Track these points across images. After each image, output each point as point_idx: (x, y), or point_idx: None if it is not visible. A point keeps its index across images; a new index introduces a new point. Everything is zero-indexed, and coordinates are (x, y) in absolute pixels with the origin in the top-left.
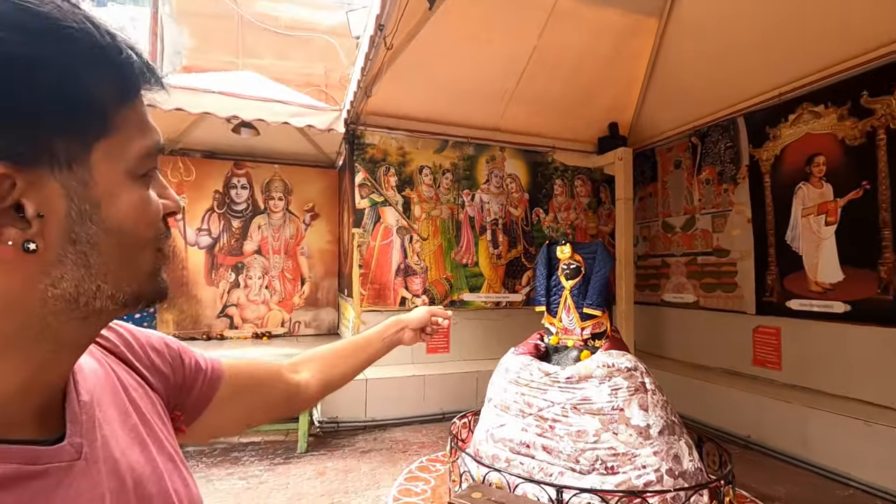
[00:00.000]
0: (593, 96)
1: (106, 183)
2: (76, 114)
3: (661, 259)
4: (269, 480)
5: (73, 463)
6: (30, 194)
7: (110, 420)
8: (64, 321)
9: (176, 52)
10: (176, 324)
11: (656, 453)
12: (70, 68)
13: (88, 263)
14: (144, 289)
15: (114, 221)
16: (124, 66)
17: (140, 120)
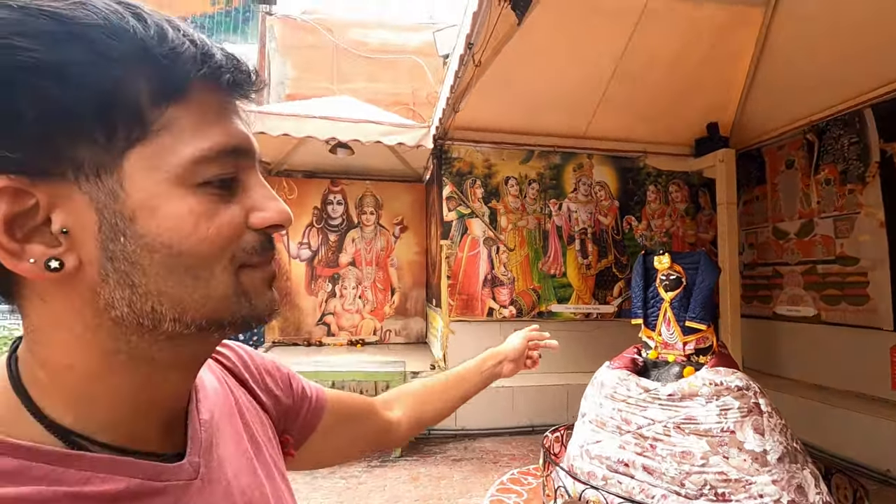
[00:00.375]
0: (689, 96)
1: (142, 193)
2: (98, 119)
3: (771, 268)
4: (368, 482)
5: (191, 482)
6: (58, 209)
7: (226, 441)
8: (151, 342)
9: (280, 83)
10: (280, 330)
11: (775, 482)
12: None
13: (132, 283)
14: (225, 313)
15: (155, 237)
16: (167, 59)
17: (195, 119)
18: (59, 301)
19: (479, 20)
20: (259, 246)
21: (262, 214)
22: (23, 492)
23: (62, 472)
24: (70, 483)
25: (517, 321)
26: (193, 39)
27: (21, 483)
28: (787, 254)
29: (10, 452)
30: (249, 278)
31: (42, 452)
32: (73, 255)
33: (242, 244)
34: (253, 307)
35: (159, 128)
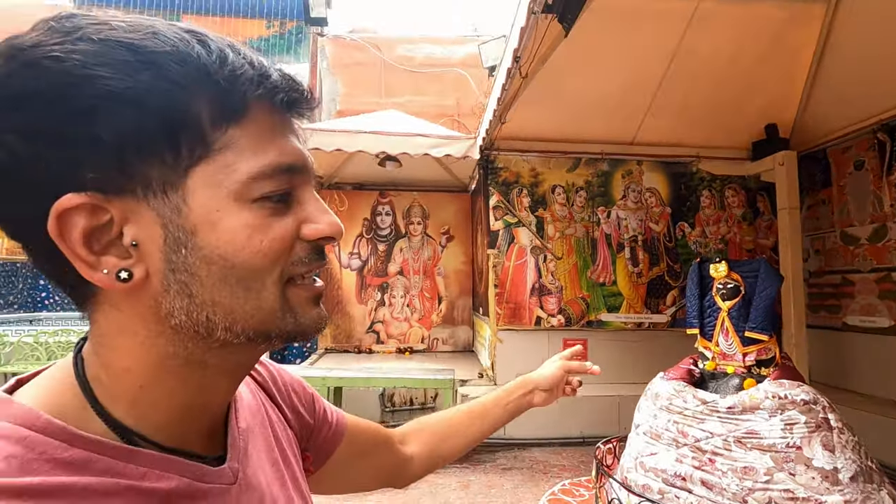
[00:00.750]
0: (745, 98)
1: (203, 209)
2: (169, 141)
3: (840, 276)
4: (419, 486)
5: (230, 487)
6: (129, 223)
7: (259, 451)
8: (205, 349)
9: (332, 100)
10: (332, 337)
11: (848, 502)
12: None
13: (191, 293)
14: (272, 326)
15: (212, 249)
16: (227, 82)
17: (254, 139)
18: (127, 309)
19: (525, 34)
20: (308, 256)
21: (315, 226)
22: (91, 482)
23: (123, 467)
24: (130, 477)
25: (566, 330)
26: (252, 62)
27: (87, 473)
28: (859, 260)
29: (80, 444)
30: (296, 295)
31: (107, 446)
32: (142, 267)
33: (293, 257)
34: (298, 323)
35: (220, 147)
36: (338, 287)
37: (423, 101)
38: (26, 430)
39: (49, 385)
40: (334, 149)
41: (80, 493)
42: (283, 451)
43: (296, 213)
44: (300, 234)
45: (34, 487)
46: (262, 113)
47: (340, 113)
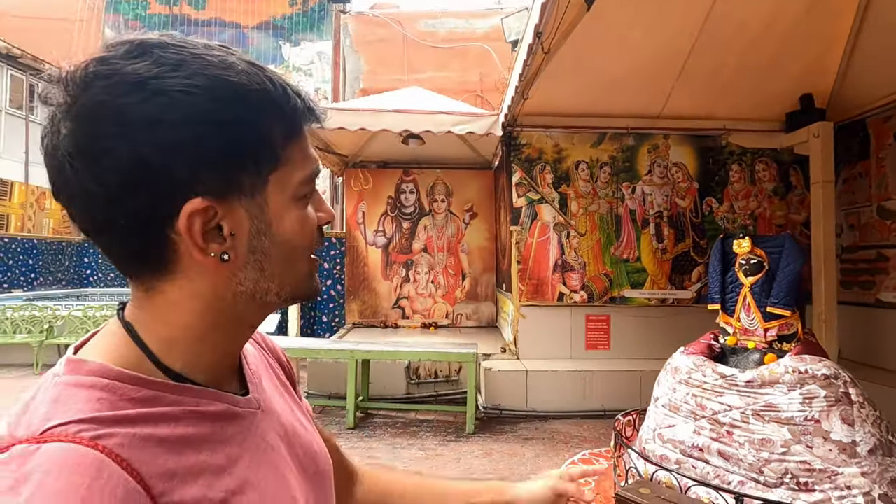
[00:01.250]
0: (779, 67)
1: (276, 206)
2: (257, 156)
3: (875, 251)
4: (444, 454)
5: (257, 411)
6: (227, 218)
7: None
8: (249, 308)
9: (355, 78)
10: (359, 313)
11: (865, 474)
12: (254, 123)
13: (262, 268)
14: (301, 288)
15: (281, 236)
16: (291, 112)
17: (302, 153)
18: (203, 281)
19: (547, 9)
20: (320, 237)
21: (321, 214)
22: (163, 410)
23: (182, 398)
24: (189, 405)
25: (588, 306)
26: (300, 94)
27: (159, 405)
28: (895, 235)
29: (148, 385)
30: (314, 266)
31: (168, 385)
32: (233, 250)
33: (314, 239)
34: (314, 287)
35: (284, 161)
36: (364, 264)
37: (446, 76)
38: (106, 379)
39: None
40: (358, 128)
41: (158, 419)
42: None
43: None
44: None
45: (125, 417)
46: (304, 133)
47: (364, 91)
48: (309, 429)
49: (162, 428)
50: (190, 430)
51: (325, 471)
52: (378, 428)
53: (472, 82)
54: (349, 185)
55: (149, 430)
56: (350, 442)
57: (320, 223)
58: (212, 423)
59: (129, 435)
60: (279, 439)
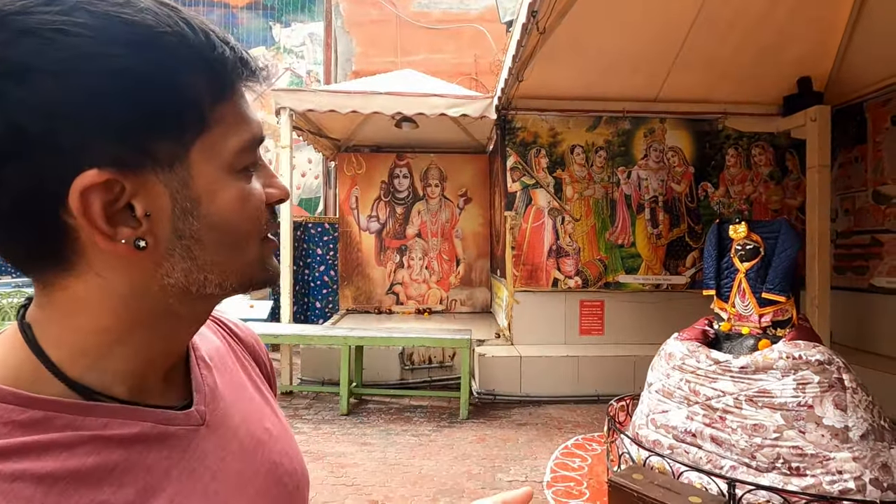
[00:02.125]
0: (777, 50)
1: (204, 180)
2: (173, 117)
3: (870, 236)
4: (438, 440)
5: (199, 428)
6: (139, 196)
7: (231, 390)
8: (182, 302)
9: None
10: (353, 299)
11: (857, 459)
12: (167, 74)
13: (193, 256)
14: (252, 276)
15: (214, 217)
16: (217, 64)
17: (236, 115)
18: (116, 275)
19: None
20: (271, 218)
21: (271, 190)
22: (53, 437)
23: (83, 420)
24: (91, 428)
25: (582, 291)
26: (231, 46)
27: (48, 431)
28: (890, 220)
29: (36, 405)
30: (266, 249)
31: (64, 404)
32: (151, 235)
33: (263, 219)
34: (269, 273)
35: (212, 123)
36: (357, 250)
37: (440, 58)
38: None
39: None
40: (350, 111)
41: (43, 449)
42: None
43: (260, 180)
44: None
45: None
46: (238, 92)
47: (356, 73)
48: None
49: (46, 461)
50: (88, 462)
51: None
52: (372, 414)
53: (466, 64)
54: (342, 170)
55: (24, 466)
56: (343, 428)
57: (270, 201)
58: (125, 448)
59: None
60: (229, 459)
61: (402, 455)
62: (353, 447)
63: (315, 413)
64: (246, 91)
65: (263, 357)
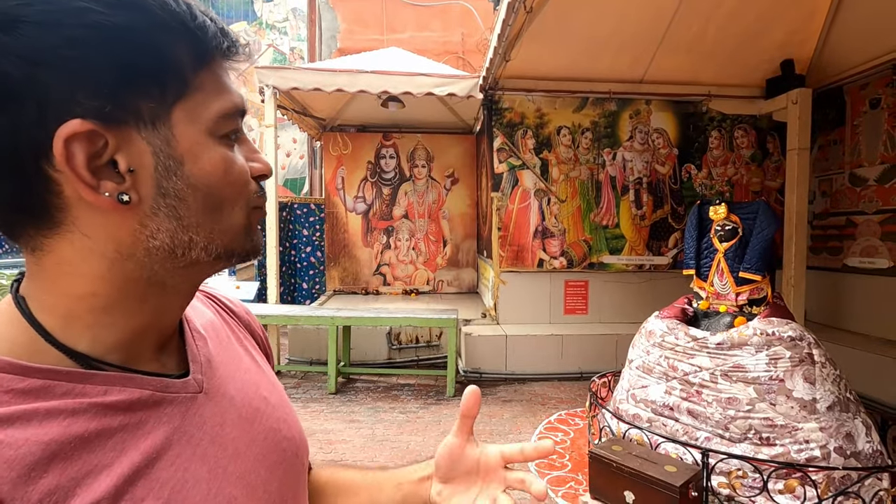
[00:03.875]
0: (762, 32)
1: (187, 141)
2: (156, 76)
3: (845, 217)
4: (425, 417)
5: (196, 395)
6: (122, 151)
7: (226, 362)
8: (169, 269)
9: (331, 37)
10: (340, 280)
11: (823, 429)
12: (149, 34)
13: (179, 216)
14: (237, 244)
15: (197, 178)
16: (199, 31)
17: (217, 83)
18: (100, 234)
19: None
20: (259, 191)
21: (255, 165)
22: (54, 404)
23: (83, 388)
24: (91, 395)
25: (567, 271)
26: (211, 17)
27: (49, 398)
28: (864, 202)
29: (35, 374)
30: (251, 219)
31: (62, 372)
32: (135, 192)
33: (251, 188)
34: (253, 243)
35: (194, 88)
36: (344, 231)
37: (427, 37)
38: None
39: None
40: (335, 89)
41: (44, 416)
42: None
43: (242, 153)
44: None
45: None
46: (220, 62)
47: (341, 51)
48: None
49: (49, 427)
50: (91, 426)
51: (292, 458)
52: (360, 392)
53: (453, 43)
54: (327, 150)
55: (28, 433)
56: (332, 406)
57: (253, 174)
58: (125, 414)
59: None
60: (227, 425)
61: (390, 431)
62: (341, 424)
63: (303, 392)
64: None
65: (258, 330)
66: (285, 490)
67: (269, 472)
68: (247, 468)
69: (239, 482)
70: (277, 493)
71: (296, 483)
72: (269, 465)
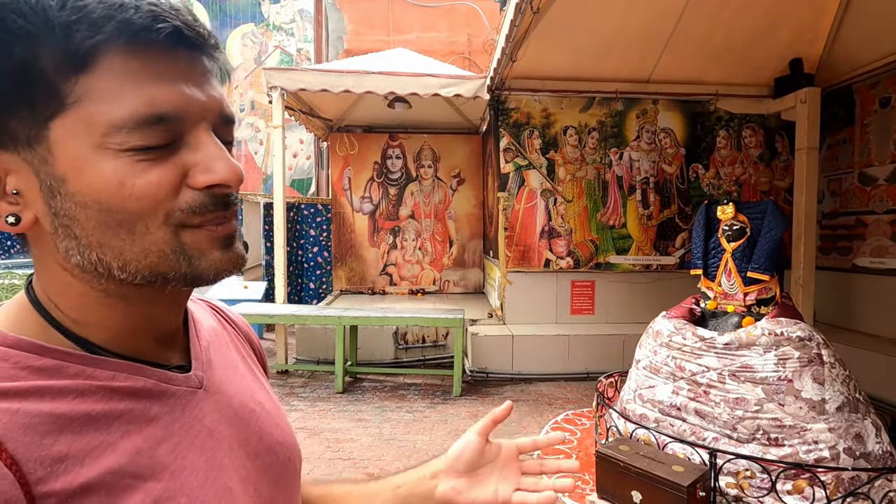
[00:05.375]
0: (770, 31)
1: (69, 158)
2: (20, 95)
3: (854, 217)
4: (431, 416)
5: (196, 390)
6: (10, 174)
7: (224, 366)
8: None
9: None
10: (347, 279)
11: (832, 430)
12: (2, 50)
13: (75, 235)
14: (166, 268)
15: (85, 195)
16: (68, 27)
17: (112, 89)
18: (40, 247)
19: None
20: (199, 205)
21: (204, 175)
22: (66, 383)
23: (92, 371)
24: (100, 379)
25: (574, 272)
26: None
27: (61, 377)
28: (875, 201)
29: (49, 354)
30: (191, 238)
31: (75, 355)
32: (29, 212)
33: (179, 203)
34: (193, 266)
35: (74, 100)
36: (350, 231)
37: (433, 37)
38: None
39: (8, 313)
40: (342, 90)
41: (57, 393)
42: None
43: (183, 159)
44: (187, 181)
45: (13, 389)
46: (119, 58)
47: (347, 52)
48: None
49: (60, 403)
50: (98, 407)
51: (285, 461)
52: (367, 392)
53: (459, 43)
54: (334, 150)
55: (41, 406)
56: (339, 405)
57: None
58: (131, 400)
59: (10, 411)
60: (224, 423)
61: (397, 430)
62: (349, 423)
63: (311, 391)
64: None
65: (255, 342)
66: (277, 492)
67: (262, 472)
68: (241, 465)
69: (234, 475)
70: (268, 494)
71: (288, 487)
72: (262, 466)
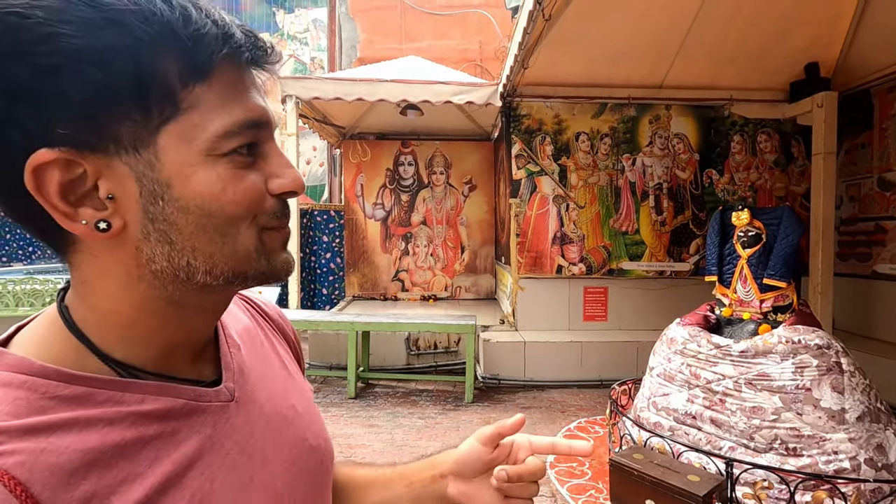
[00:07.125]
0: (785, 36)
1: (176, 164)
2: (137, 100)
3: (874, 223)
4: (443, 423)
5: (228, 404)
6: (103, 178)
7: (258, 369)
8: (184, 291)
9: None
10: (359, 286)
11: (852, 440)
12: (127, 55)
13: (171, 240)
14: (248, 267)
15: (189, 200)
16: (192, 41)
17: (220, 98)
18: (107, 256)
19: None
20: (278, 210)
21: (280, 181)
22: (95, 413)
23: (121, 396)
24: (129, 403)
25: (587, 278)
26: (215, 20)
27: (91, 406)
28: (894, 207)
29: (78, 382)
30: (270, 239)
31: (104, 381)
32: (119, 218)
33: (265, 208)
34: (271, 265)
35: (188, 106)
36: (363, 237)
37: (445, 45)
38: (24, 375)
39: (39, 334)
40: (355, 98)
41: (85, 424)
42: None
43: (262, 168)
44: (268, 188)
45: (40, 425)
46: (227, 71)
47: (361, 60)
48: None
49: (89, 435)
50: (127, 436)
51: (318, 464)
52: (379, 397)
53: (471, 51)
54: (347, 157)
55: (69, 441)
56: (351, 411)
57: (275, 191)
58: (160, 423)
59: (36, 451)
60: (256, 435)
61: (409, 436)
62: (361, 429)
63: (323, 396)
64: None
65: (290, 334)
66: (310, 497)
67: (295, 479)
68: (273, 477)
69: (264, 492)
70: (302, 500)
71: (320, 491)
72: (294, 473)
